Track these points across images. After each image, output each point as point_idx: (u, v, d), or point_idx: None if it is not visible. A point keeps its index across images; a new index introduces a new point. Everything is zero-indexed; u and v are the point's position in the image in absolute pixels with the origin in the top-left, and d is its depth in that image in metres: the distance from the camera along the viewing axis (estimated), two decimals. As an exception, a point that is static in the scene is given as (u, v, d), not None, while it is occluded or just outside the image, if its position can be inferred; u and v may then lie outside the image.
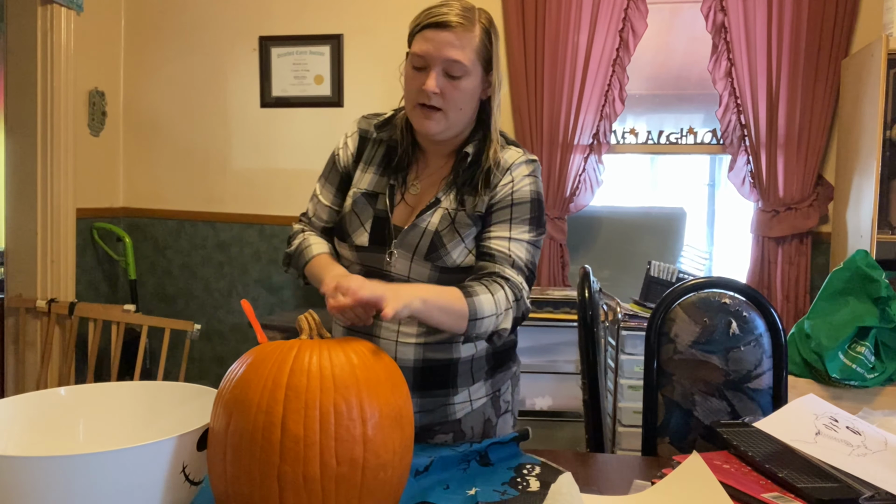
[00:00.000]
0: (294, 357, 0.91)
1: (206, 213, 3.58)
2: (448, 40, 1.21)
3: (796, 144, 3.00)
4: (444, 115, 1.25)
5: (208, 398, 1.03)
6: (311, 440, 0.85)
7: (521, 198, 1.30)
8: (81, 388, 1.07)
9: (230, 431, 0.88)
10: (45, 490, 0.79)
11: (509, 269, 1.25)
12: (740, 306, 1.47)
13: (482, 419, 1.40)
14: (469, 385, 1.37)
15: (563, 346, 2.80)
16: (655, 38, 3.24)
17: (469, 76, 1.24)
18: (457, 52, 1.21)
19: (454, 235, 1.28)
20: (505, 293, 1.22)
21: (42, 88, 3.01)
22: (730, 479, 1.04)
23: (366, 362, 0.93)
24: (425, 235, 1.28)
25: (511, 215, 1.29)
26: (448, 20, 1.21)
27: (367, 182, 1.36)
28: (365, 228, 1.32)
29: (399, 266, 1.29)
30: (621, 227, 3.41)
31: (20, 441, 0.99)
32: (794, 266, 3.06)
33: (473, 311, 1.17)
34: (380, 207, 1.32)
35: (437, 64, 1.22)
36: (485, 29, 1.25)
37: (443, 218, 1.29)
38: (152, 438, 0.87)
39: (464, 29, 1.21)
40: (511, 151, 1.34)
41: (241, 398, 0.88)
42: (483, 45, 1.24)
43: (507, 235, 1.28)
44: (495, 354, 1.41)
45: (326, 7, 3.40)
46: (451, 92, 1.23)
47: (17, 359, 3.09)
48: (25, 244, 3.05)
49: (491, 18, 1.28)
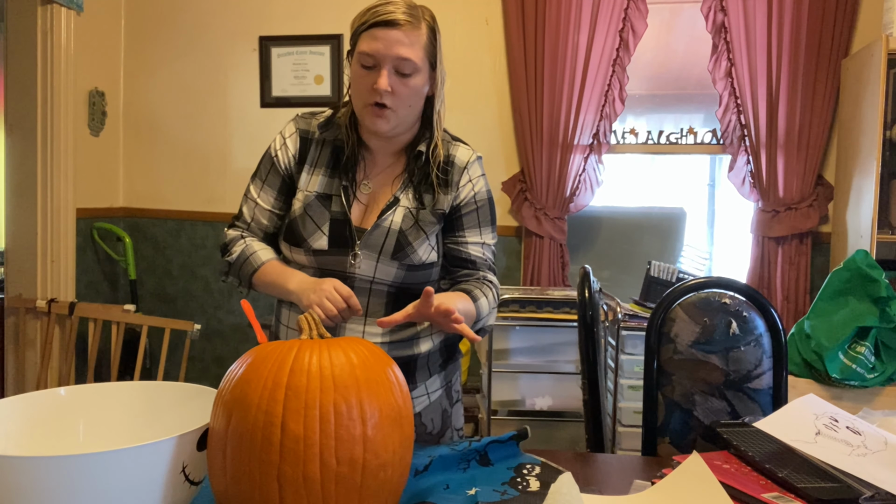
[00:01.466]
0: (294, 357, 0.91)
1: (206, 213, 3.58)
2: (398, 38, 1.21)
3: (796, 144, 3.00)
4: (394, 113, 1.25)
5: (208, 398, 1.04)
6: (311, 440, 0.85)
7: (482, 199, 1.37)
8: (81, 388, 1.06)
9: (230, 431, 0.88)
10: (45, 490, 0.79)
11: (490, 273, 1.37)
12: (740, 306, 1.47)
13: (440, 410, 1.44)
14: (426, 379, 1.40)
15: (563, 346, 2.80)
16: (655, 38, 3.24)
17: (418, 73, 1.25)
18: (407, 50, 1.21)
19: (419, 233, 1.30)
20: (494, 295, 1.34)
21: (42, 88, 3.01)
22: (730, 479, 1.04)
23: (365, 362, 0.93)
24: (390, 235, 1.29)
25: (479, 219, 1.37)
26: (396, 18, 1.21)
27: (316, 184, 1.34)
28: (323, 232, 1.31)
29: (364, 267, 1.30)
30: (621, 227, 3.41)
31: (20, 441, 0.99)
32: (794, 266, 3.06)
33: (479, 313, 1.27)
34: (336, 209, 1.31)
35: (387, 62, 1.22)
36: (430, 27, 1.26)
37: (406, 217, 1.30)
38: (152, 438, 0.87)
39: (412, 27, 1.22)
40: (462, 149, 1.37)
41: (240, 398, 0.88)
42: (430, 42, 1.25)
43: (481, 241, 1.37)
44: (447, 347, 1.44)
45: (326, 7, 3.41)
46: (402, 90, 1.24)
47: (17, 359, 3.09)
48: (25, 244, 3.05)
49: (434, 16, 1.28)
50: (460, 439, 1.44)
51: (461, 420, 1.50)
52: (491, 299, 1.32)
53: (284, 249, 1.36)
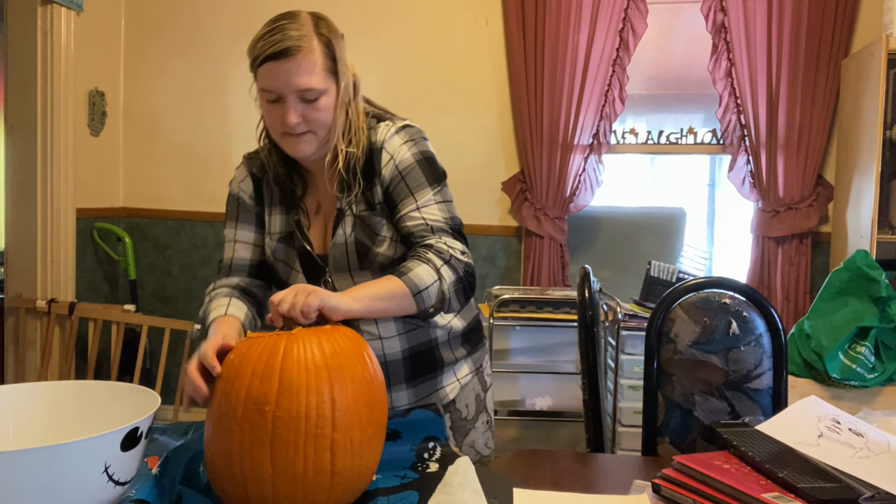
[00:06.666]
0: (284, 347, 0.97)
1: (206, 213, 3.58)
2: (292, 69, 1.16)
3: (796, 144, 3.01)
4: (313, 136, 1.22)
5: (142, 397, 1.03)
6: (297, 424, 0.93)
7: (406, 166, 1.26)
8: (15, 387, 1.06)
9: (220, 414, 0.96)
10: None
11: (430, 236, 1.23)
12: (740, 306, 1.47)
13: (473, 395, 1.44)
14: (453, 364, 1.41)
15: (563, 346, 2.80)
16: (655, 38, 3.24)
17: (325, 94, 1.20)
18: (304, 79, 1.17)
19: (372, 234, 1.27)
20: (432, 258, 1.19)
21: (42, 88, 3.01)
22: (730, 479, 1.04)
23: (335, 349, 0.99)
24: (349, 247, 1.27)
25: (408, 187, 1.26)
26: (285, 47, 1.15)
27: (276, 225, 1.33)
28: (296, 270, 1.31)
29: (342, 286, 1.29)
30: (621, 227, 3.41)
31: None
32: (794, 266, 3.06)
33: (413, 285, 1.15)
34: (298, 246, 1.30)
35: (289, 94, 1.18)
36: (323, 40, 1.19)
37: (355, 224, 1.27)
38: (83, 438, 0.86)
39: (303, 52, 1.16)
40: (381, 128, 1.29)
41: (236, 384, 0.95)
42: (326, 58, 1.19)
43: (415, 206, 1.25)
44: (468, 332, 1.44)
45: (326, 7, 3.39)
46: (313, 114, 1.20)
47: (17, 359, 3.09)
48: (25, 244, 3.05)
49: (324, 21, 1.22)
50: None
51: (492, 403, 1.52)
52: (432, 265, 1.18)
53: (275, 289, 1.35)
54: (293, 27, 1.17)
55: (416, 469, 1.14)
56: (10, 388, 1.06)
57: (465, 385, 1.43)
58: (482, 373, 1.48)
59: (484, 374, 1.49)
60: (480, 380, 1.47)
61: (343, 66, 1.23)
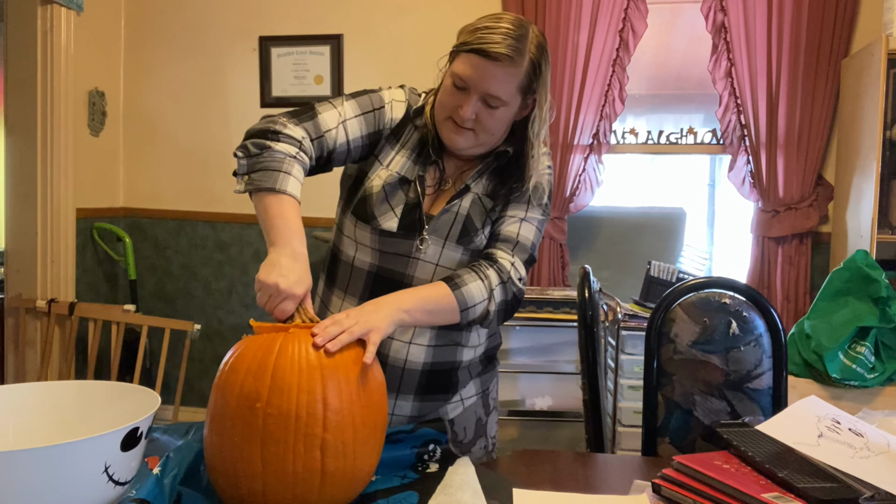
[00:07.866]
0: (279, 346, 0.98)
1: (206, 213, 3.58)
2: (492, 73, 1.16)
3: (796, 144, 3.00)
4: (474, 135, 1.23)
5: (143, 397, 1.03)
6: (289, 422, 0.93)
7: (538, 183, 1.32)
8: (15, 387, 1.06)
9: (218, 412, 0.97)
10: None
11: (508, 250, 1.27)
12: (740, 306, 1.47)
13: (474, 418, 1.41)
14: (463, 387, 1.39)
15: (563, 346, 2.80)
16: (655, 38, 3.24)
17: (506, 106, 1.21)
18: (499, 87, 1.17)
19: (485, 218, 1.29)
20: (490, 276, 1.23)
21: (42, 88, 3.01)
22: (730, 479, 1.04)
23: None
24: (457, 220, 1.28)
25: (531, 198, 1.31)
26: (497, 52, 1.15)
27: (399, 165, 1.30)
28: (395, 213, 1.27)
29: (430, 252, 1.28)
30: (621, 227, 3.41)
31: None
32: (794, 266, 3.06)
33: (463, 301, 1.19)
34: (412, 195, 1.28)
35: (476, 92, 1.18)
36: (532, 62, 1.19)
37: (473, 202, 1.29)
38: (83, 438, 0.86)
39: (511, 63, 1.16)
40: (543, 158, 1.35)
41: (231, 380, 0.96)
42: (528, 77, 1.20)
43: (523, 217, 1.30)
44: (487, 357, 1.43)
45: (326, 7, 3.40)
46: (486, 119, 1.21)
47: (17, 359, 3.09)
48: (25, 244, 3.05)
49: (542, 45, 1.21)
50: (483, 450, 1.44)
51: (495, 428, 1.47)
52: (489, 281, 1.22)
53: (348, 224, 1.32)
54: (516, 37, 1.17)
55: (416, 469, 1.14)
56: (11, 388, 1.05)
57: (468, 406, 1.40)
58: (488, 395, 1.45)
59: (489, 398, 1.45)
60: (485, 402, 1.44)
61: (543, 84, 1.23)
